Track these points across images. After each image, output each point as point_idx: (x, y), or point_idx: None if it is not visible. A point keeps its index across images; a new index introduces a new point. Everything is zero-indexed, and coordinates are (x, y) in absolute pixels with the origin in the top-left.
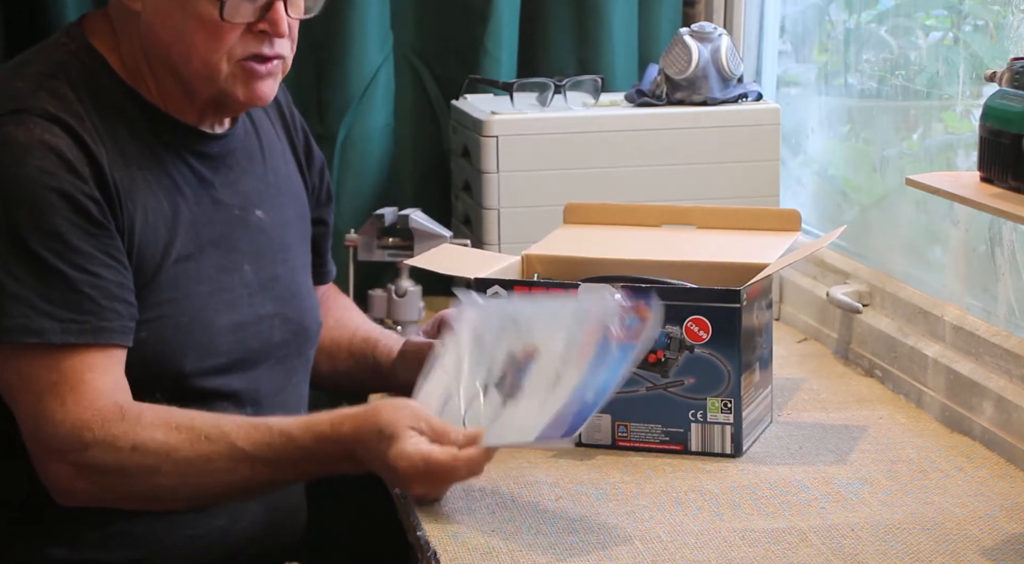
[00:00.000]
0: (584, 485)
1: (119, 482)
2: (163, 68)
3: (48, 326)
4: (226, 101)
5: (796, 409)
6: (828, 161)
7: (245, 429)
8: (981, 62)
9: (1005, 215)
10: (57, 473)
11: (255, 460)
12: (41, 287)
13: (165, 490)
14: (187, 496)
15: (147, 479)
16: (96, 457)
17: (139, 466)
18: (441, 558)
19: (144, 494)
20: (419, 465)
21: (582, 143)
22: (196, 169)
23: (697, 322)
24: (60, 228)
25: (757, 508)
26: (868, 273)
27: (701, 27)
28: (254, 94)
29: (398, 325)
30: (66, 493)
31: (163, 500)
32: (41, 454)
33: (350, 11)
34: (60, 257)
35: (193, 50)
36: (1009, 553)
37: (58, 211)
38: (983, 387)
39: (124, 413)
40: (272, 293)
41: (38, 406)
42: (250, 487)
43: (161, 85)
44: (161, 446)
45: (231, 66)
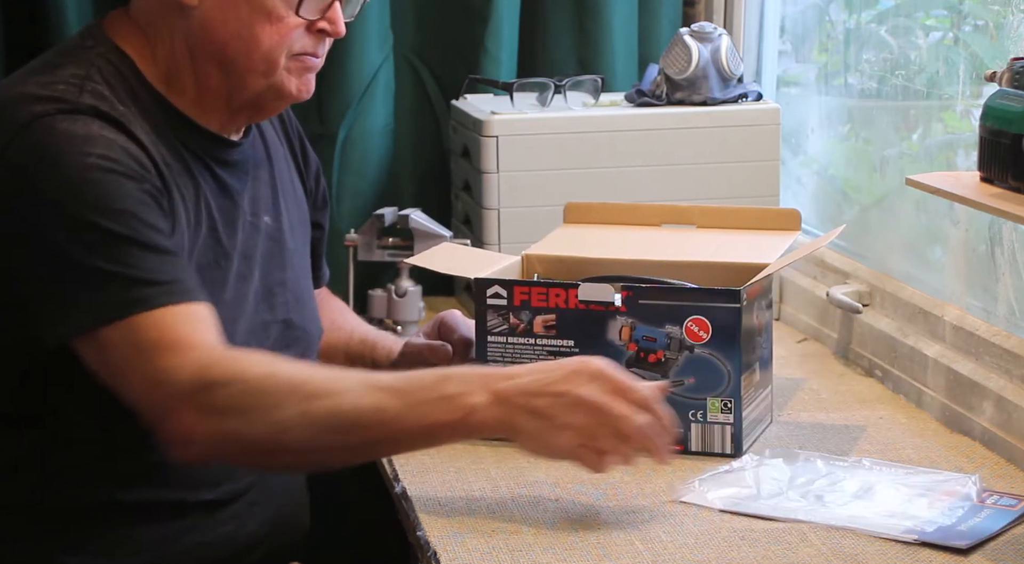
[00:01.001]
0: (584, 485)
1: (240, 422)
2: (212, 65)
3: (146, 293)
4: (268, 99)
5: (796, 409)
6: (828, 161)
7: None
8: (981, 62)
9: (1005, 215)
10: (179, 421)
11: (384, 390)
12: (129, 259)
13: (284, 429)
14: (305, 439)
15: (268, 415)
16: (220, 395)
17: (264, 399)
18: (441, 558)
19: (263, 437)
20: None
21: (582, 143)
22: (218, 176)
23: (697, 322)
24: (133, 207)
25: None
26: (868, 273)
27: (701, 27)
28: (304, 87)
29: (398, 325)
30: (185, 442)
31: (280, 444)
32: (159, 409)
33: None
34: (138, 231)
35: (255, 44)
36: (1009, 553)
37: (128, 193)
38: (983, 387)
39: (245, 353)
40: (278, 298)
41: (153, 364)
42: (371, 430)
43: (203, 85)
44: (291, 377)
45: (288, 61)
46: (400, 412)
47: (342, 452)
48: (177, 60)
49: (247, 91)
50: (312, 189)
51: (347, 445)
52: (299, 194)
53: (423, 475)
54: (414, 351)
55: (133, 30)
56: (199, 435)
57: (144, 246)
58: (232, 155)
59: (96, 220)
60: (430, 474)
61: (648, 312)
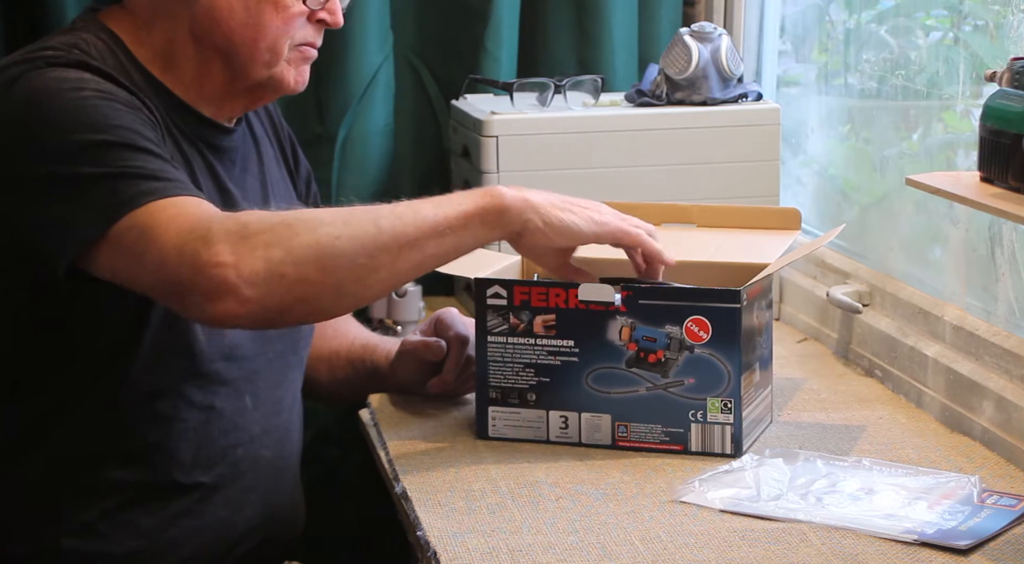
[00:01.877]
0: (584, 485)
1: (283, 245)
2: (216, 53)
3: (156, 186)
4: (266, 89)
5: (796, 409)
6: (828, 161)
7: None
8: (981, 62)
9: (1005, 215)
10: (217, 268)
11: (415, 203)
12: (135, 161)
13: (329, 242)
14: (352, 249)
15: (310, 233)
16: (256, 222)
17: (301, 221)
18: (441, 558)
19: (308, 254)
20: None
21: (582, 143)
22: (208, 159)
23: (697, 322)
24: (131, 124)
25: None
26: (868, 273)
27: (701, 27)
28: (300, 79)
29: (398, 325)
30: (230, 287)
31: (328, 260)
32: (194, 266)
33: (350, 11)
34: (138, 140)
35: (262, 33)
36: (1009, 553)
37: (123, 114)
38: (983, 387)
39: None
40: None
41: (175, 230)
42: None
43: (202, 72)
44: (324, 209)
45: (290, 51)
46: (434, 209)
47: (391, 255)
48: (177, 46)
49: (248, 80)
50: (303, 193)
51: (394, 246)
52: (291, 195)
53: (423, 475)
54: (410, 348)
55: (126, 17)
56: (244, 270)
57: (147, 151)
58: (223, 141)
59: (95, 137)
60: (430, 474)
61: (648, 312)
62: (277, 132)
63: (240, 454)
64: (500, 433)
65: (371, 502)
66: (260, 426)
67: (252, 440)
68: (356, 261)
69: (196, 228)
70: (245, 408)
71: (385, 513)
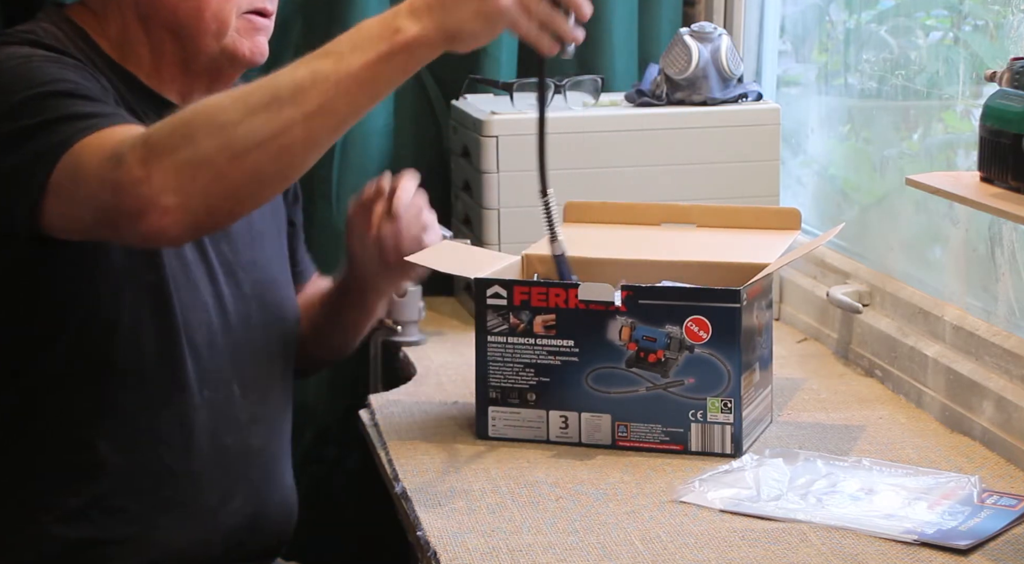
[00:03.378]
0: (584, 485)
1: (188, 150)
2: (165, 33)
3: (90, 123)
4: (225, 63)
5: (796, 409)
6: (828, 161)
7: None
8: (981, 62)
9: (1005, 215)
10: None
11: (313, 55)
12: (73, 107)
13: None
14: (259, 130)
15: (212, 126)
16: (160, 136)
17: (202, 115)
18: (441, 558)
19: (215, 149)
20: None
21: (582, 143)
22: None
23: (697, 322)
24: (79, 80)
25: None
26: (868, 273)
27: (701, 27)
28: (257, 48)
29: (398, 325)
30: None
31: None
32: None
33: (350, 11)
34: (83, 89)
35: (204, 3)
36: (1009, 553)
37: (70, 70)
38: (983, 387)
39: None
40: (251, 276)
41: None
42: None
43: (157, 54)
44: (221, 93)
45: (237, 19)
46: (335, 64)
47: (301, 125)
48: (130, 31)
49: (201, 55)
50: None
51: (300, 115)
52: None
53: (423, 475)
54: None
55: (85, 11)
56: (159, 182)
57: (84, 96)
58: None
59: (34, 91)
60: (430, 474)
61: (648, 312)
62: None
63: (229, 442)
64: (500, 433)
65: (371, 502)
66: (249, 414)
67: (241, 428)
68: (265, 143)
69: (111, 153)
70: (233, 396)
71: (385, 513)
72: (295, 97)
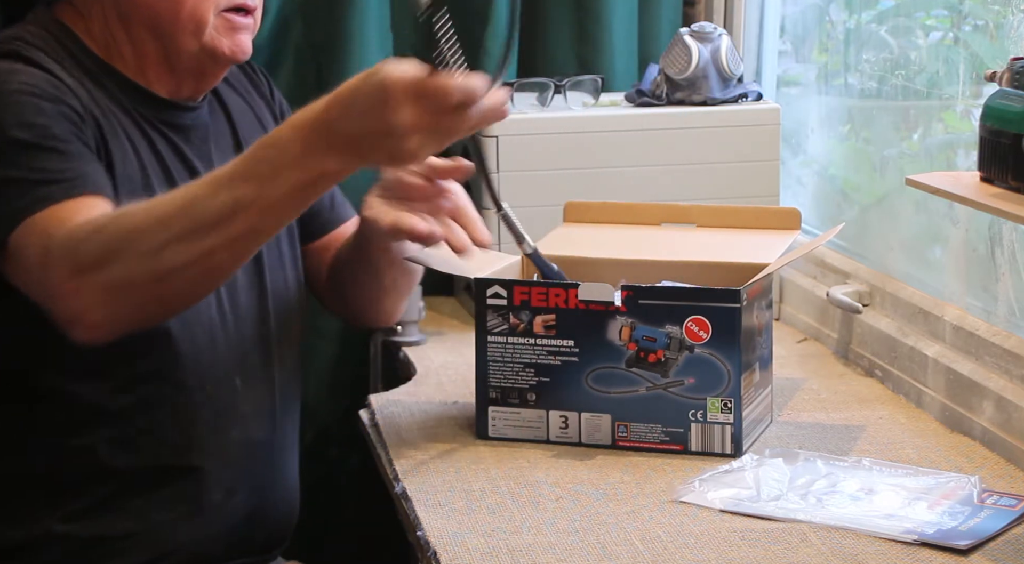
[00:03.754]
0: (584, 485)
1: (113, 270)
2: (145, 31)
3: (53, 191)
4: (207, 60)
5: (796, 409)
6: (828, 161)
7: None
8: (981, 62)
9: (1005, 215)
10: (65, 297)
11: (234, 181)
12: (36, 163)
13: (157, 252)
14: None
15: (136, 246)
16: (88, 250)
17: (126, 234)
18: (441, 558)
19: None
20: (411, 82)
21: (582, 143)
22: (171, 139)
23: (697, 322)
24: (48, 122)
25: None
26: (868, 273)
27: (701, 27)
28: (237, 46)
29: (398, 325)
30: (81, 315)
31: (162, 270)
32: (49, 290)
33: (350, 11)
34: (49, 139)
35: (182, 4)
36: (1009, 553)
37: (44, 111)
38: (983, 387)
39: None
40: (250, 266)
41: (42, 246)
42: (237, 214)
43: (140, 51)
44: (145, 207)
45: (216, 18)
46: (257, 191)
47: (226, 249)
48: (112, 31)
49: (182, 53)
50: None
51: (224, 241)
52: None
53: (423, 475)
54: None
55: (72, 9)
56: (86, 300)
57: (54, 149)
58: (184, 119)
59: (10, 134)
60: (430, 474)
61: (648, 312)
62: (269, 104)
63: (233, 437)
64: (500, 433)
65: (371, 502)
66: (252, 407)
67: (244, 422)
68: (189, 266)
69: (45, 253)
70: (235, 389)
71: (385, 513)
72: (217, 225)
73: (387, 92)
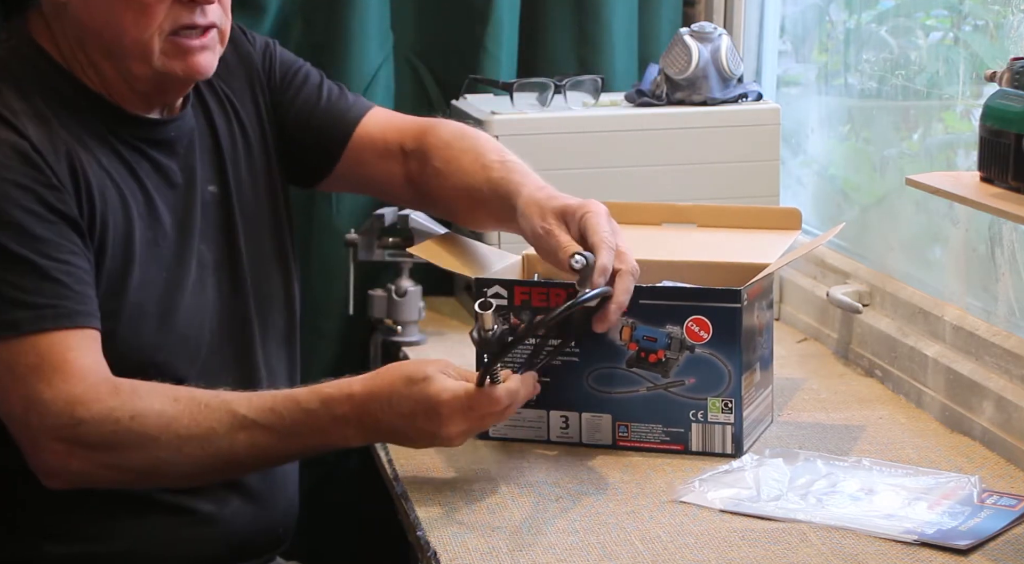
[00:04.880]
0: (584, 485)
1: (115, 457)
2: (100, 56)
3: (22, 316)
4: (166, 81)
5: (796, 409)
6: (828, 161)
7: (247, 396)
8: (981, 62)
9: (1005, 215)
10: (49, 453)
11: (255, 426)
12: (12, 278)
13: (162, 463)
14: (185, 470)
15: (144, 452)
16: (91, 432)
17: (136, 438)
18: (441, 558)
19: (140, 468)
20: (463, 399)
21: (582, 143)
22: (150, 155)
23: (698, 322)
24: (21, 219)
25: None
26: (868, 273)
27: (701, 27)
28: (192, 69)
29: (398, 325)
30: (57, 474)
31: (159, 474)
32: (31, 437)
33: (350, 11)
34: (26, 247)
35: (123, 32)
36: (1009, 553)
37: (16, 202)
38: (983, 387)
39: (117, 387)
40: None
41: (24, 390)
42: (248, 459)
43: (102, 75)
44: (160, 416)
45: (163, 42)
46: (273, 445)
47: (230, 473)
48: (76, 53)
49: (137, 78)
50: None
51: (224, 472)
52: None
53: (423, 475)
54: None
55: (46, 29)
56: (72, 468)
57: (31, 263)
58: (165, 133)
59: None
60: (430, 474)
61: (648, 312)
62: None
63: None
64: (500, 433)
65: (371, 502)
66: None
67: None
68: (184, 482)
69: (27, 402)
70: None
71: (385, 513)
72: (229, 463)
73: (437, 410)
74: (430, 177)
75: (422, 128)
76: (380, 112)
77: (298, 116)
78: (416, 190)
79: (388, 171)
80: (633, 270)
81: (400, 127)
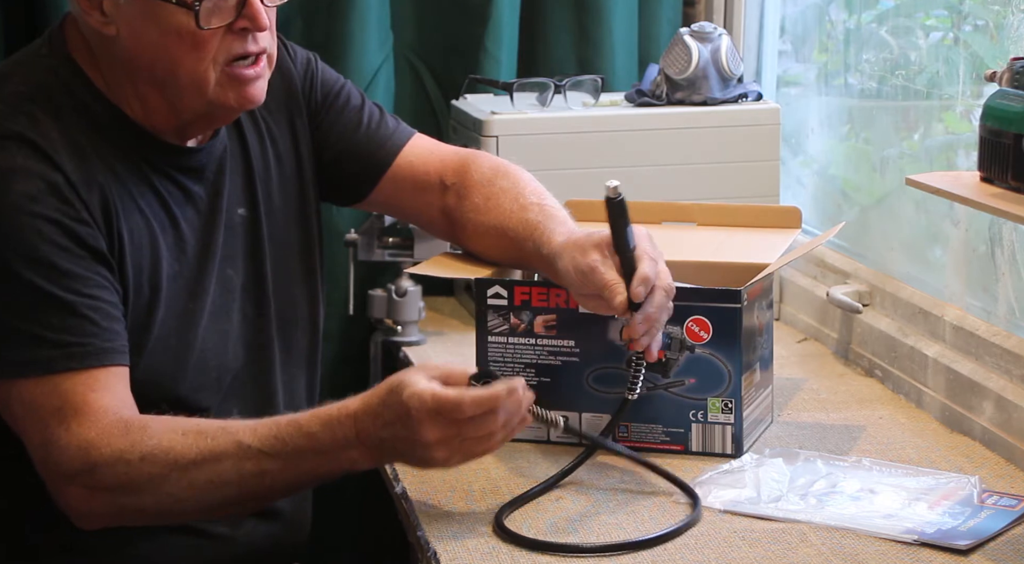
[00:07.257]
0: (584, 485)
1: (131, 498)
2: (149, 87)
3: (51, 355)
4: (217, 111)
5: (796, 409)
6: (828, 161)
7: (251, 425)
8: (981, 62)
9: (1005, 215)
10: (71, 497)
11: (261, 455)
12: (40, 316)
13: (176, 501)
14: (198, 505)
15: (157, 489)
16: (106, 475)
17: (148, 477)
18: (441, 558)
19: (156, 508)
20: (428, 402)
21: (582, 143)
22: (181, 183)
23: (698, 322)
24: (51, 255)
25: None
26: (868, 273)
27: (701, 27)
28: (245, 98)
29: (398, 325)
30: (84, 516)
31: (175, 511)
32: (54, 480)
33: (350, 11)
34: (55, 283)
35: (178, 65)
36: (1009, 553)
37: (46, 238)
38: (983, 387)
39: (128, 426)
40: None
41: (45, 433)
42: (260, 488)
43: (147, 104)
44: (167, 452)
45: (218, 74)
46: (281, 471)
47: (235, 507)
48: (120, 81)
49: (186, 110)
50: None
51: (238, 503)
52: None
53: (423, 475)
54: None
55: (87, 51)
56: (95, 510)
57: (60, 300)
58: (193, 161)
59: (14, 269)
60: (430, 474)
61: None
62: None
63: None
64: None
65: (371, 502)
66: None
67: None
68: (200, 515)
69: (45, 445)
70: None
71: (385, 513)
72: (241, 495)
73: (408, 413)
74: (467, 211)
75: (464, 162)
76: (421, 142)
77: (338, 140)
78: (450, 222)
79: (425, 202)
80: (667, 288)
81: (442, 158)
